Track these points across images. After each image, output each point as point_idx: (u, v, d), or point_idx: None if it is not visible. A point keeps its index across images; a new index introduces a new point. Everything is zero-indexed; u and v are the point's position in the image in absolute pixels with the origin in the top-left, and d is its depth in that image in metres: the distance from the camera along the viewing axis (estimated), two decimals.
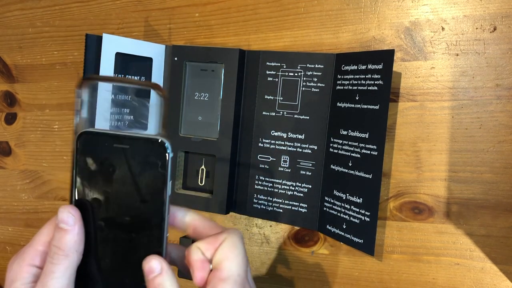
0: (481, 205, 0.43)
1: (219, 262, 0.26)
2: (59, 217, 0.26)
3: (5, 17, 0.61)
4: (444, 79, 0.43)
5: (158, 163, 0.25)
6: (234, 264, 0.26)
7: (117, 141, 0.25)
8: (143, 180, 0.26)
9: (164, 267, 0.26)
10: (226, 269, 0.26)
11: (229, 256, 0.26)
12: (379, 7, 0.45)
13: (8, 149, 0.62)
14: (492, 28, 0.42)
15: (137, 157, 0.26)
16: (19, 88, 0.61)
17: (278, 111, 0.48)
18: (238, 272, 0.26)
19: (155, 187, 0.26)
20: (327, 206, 0.46)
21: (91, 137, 0.26)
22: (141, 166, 0.26)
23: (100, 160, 0.26)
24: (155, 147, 0.25)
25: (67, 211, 0.26)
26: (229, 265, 0.26)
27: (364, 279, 0.47)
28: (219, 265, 0.26)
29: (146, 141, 0.25)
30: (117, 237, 0.27)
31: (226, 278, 0.26)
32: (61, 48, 0.59)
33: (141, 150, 0.26)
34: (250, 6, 0.50)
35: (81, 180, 0.26)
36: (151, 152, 0.25)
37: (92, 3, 0.56)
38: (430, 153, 0.44)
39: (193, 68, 0.50)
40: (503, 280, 0.43)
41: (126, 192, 0.26)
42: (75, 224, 0.26)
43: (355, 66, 0.43)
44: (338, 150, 0.45)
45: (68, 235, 0.26)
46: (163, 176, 0.25)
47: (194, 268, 0.26)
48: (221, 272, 0.26)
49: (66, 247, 0.26)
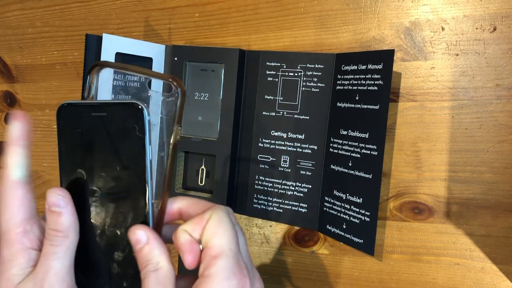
0: (481, 205, 0.43)
1: (208, 240, 0.26)
2: (49, 201, 0.26)
3: (5, 17, 0.61)
4: (444, 79, 0.43)
5: (136, 127, 0.25)
6: (224, 239, 0.26)
7: (95, 109, 0.25)
8: (123, 147, 0.26)
9: (150, 236, 0.26)
10: (216, 245, 0.25)
11: (217, 232, 0.26)
12: (379, 7, 0.45)
13: None
14: (492, 28, 0.42)
15: (115, 123, 0.25)
16: (19, 88, 0.61)
17: (278, 111, 0.48)
18: (230, 246, 0.25)
19: (135, 153, 0.25)
20: (327, 206, 0.46)
21: (70, 108, 0.26)
22: (120, 132, 0.25)
23: (80, 130, 0.26)
24: (132, 112, 0.25)
25: (56, 194, 0.26)
26: (218, 241, 0.25)
27: (364, 279, 0.47)
28: (209, 243, 0.25)
29: (123, 106, 0.25)
30: (105, 208, 0.26)
31: (218, 254, 0.25)
32: (61, 48, 0.59)
33: (119, 116, 0.25)
34: (250, 6, 0.50)
35: (65, 153, 0.26)
36: (129, 116, 0.25)
37: (92, 3, 0.56)
38: (430, 153, 0.44)
39: (193, 68, 0.50)
40: (503, 280, 0.43)
41: (109, 160, 0.26)
42: (67, 205, 0.26)
43: (355, 66, 0.43)
44: (338, 150, 0.45)
45: (62, 217, 0.26)
46: (142, 140, 0.25)
47: (183, 251, 0.26)
48: (212, 249, 0.25)
49: (64, 228, 0.25)
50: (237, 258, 0.26)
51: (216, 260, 0.25)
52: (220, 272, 0.25)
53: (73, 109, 0.26)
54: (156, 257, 0.25)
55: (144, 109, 0.25)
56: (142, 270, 0.25)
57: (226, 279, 0.24)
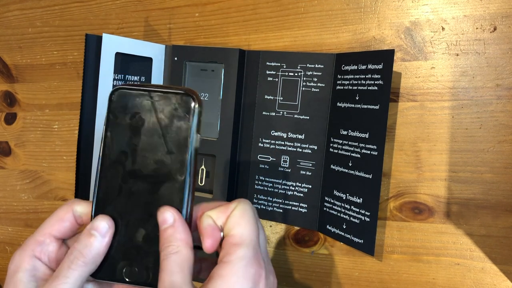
0: (481, 205, 0.43)
1: (230, 228, 0.27)
2: (94, 223, 0.26)
3: (5, 17, 0.61)
4: (444, 79, 0.43)
5: (185, 115, 0.27)
6: (246, 230, 0.27)
7: (147, 96, 0.27)
8: (170, 133, 0.27)
9: (177, 219, 0.26)
10: (238, 235, 0.26)
11: (240, 222, 0.27)
12: (379, 7, 0.45)
13: (8, 149, 0.62)
14: (492, 28, 0.42)
15: (166, 110, 0.27)
16: (19, 88, 0.61)
17: (278, 111, 0.48)
18: (251, 237, 0.26)
19: (181, 139, 0.27)
20: (327, 206, 0.46)
21: (123, 92, 0.27)
22: (169, 118, 0.27)
23: (130, 113, 0.27)
24: (183, 100, 0.27)
25: (104, 221, 0.26)
26: (241, 231, 0.26)
27: (364, 279, 0.47)
28: (231, 231, 0.26)
29: (175, 94, 0.27)
30: (143, 189, 0.27)
31: (239, 243, 0.26)
32: (61, 48, 0.58)
33: (170, 102, 0.27)
34: (250, 6, 0.50)
35: (112, 133, 0.28)
36: (179, 105, 0.27)
37: (92, 3, 0.56)
38: (430, 153, 0.44)
39: (193, 68, 0.50)
40: (503, 280, 0.43)
41: (154, 144, 0.27)
42: (107, 236, 0.26)
43: (355, 66, 0.43)
44: (338, 150, 0.45)
45: (96, 244, 0.26)
46: (188, 128, 0.27)
47: (204, 235, 0.27)
48: (233, 237, 0.26)
49: (89, 256, 0.25)
50: (256, 250, 0.26)
51: (236, 248, 0.26)
52: (239, 259, 0.25)
53: (126, 92, 0.27)
54: (178, 241, 0.26)
55: (194, 98, 0.27)
56: (162, 251, 0.26)
57: (245, 266, 0.25)
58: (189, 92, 0.27)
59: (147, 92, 0.27)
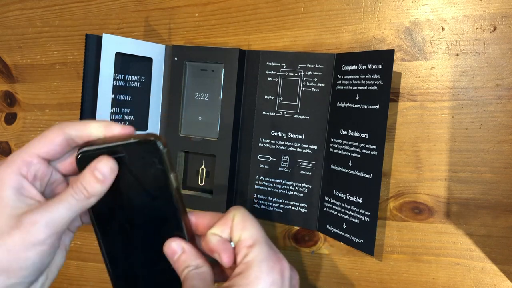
0: (481, 205, 0.43)
1: (239, 234, 0.28)
2: (99, 166, 0.26)
3: (5, 17, 0.61)
4: (444, 79, 0.43)
5: (155, 160, 0.27)
6: (254, 230, 0.28)
7: (112, 152, 0.27)
8: (147, 180, 0.28)
9: (185, 246, 0.28)
10: (248, 237, 0.27)
11: (245, 226, 0.28)
12: (379, 7, 0.45)
13: (8, 149, 0.62)
14: (492, 28, 0.42)
15: (135, 161, 0.27)
16: (19, 88, 0.61)
17: (278, 111, 0.48)
18: (260, 234, 0.28)
19: (160, 183, 0.27)
20: (327, 206, 0.46)
21: (88, 155, 0.27)
22: (141, 168, 0.27)
23: None
24: (147, 147, 0.27)
25: (109, 165, 0.26)
26: (249, 233, 0.27)
27: (364, 279, 0.47)
28: (241, 237, 0.27)
29: (138, 144, 0.27)
30: (145, 236, 0.29)
31: (253, 243, 0.27)
32: (61, 48, 0.59)
33: (136, 154, 0.27)
34: (250, 6, 0.50)
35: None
36: (146, 153, 0.27)
37: (92, 3, 0.56)
38: (430, 153, 0.44)
39: (193, 68, 0.50)
40: (503, 280, 0.43)
41: (137, 194, 0.28)
42: (109, 179, 0.27)
43: (355, 66, 0.43)
44: (338, 150, 0.45)
45: (99, 185, 0.26)
46: (163, 171, 0.27)
47: (219, 252, 0.27)
48: (246, 241, 0.27)
49: (92, 192, 0.26)
50: (270, 245, 0.28)
51: (252, 248, 0.27)
52: (258, 256, 0.26)
53: (91, 155, 0.27)
54: (194, 261, 0.27)
55: (157, 142, 0.26)
56: (182, 274, 0.27)
57: (267, 261, 0.26)
58: (150, 138, 0.26)
59: (110, 149, 0.27)
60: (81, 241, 0.58)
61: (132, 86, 0.50)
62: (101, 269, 0.58)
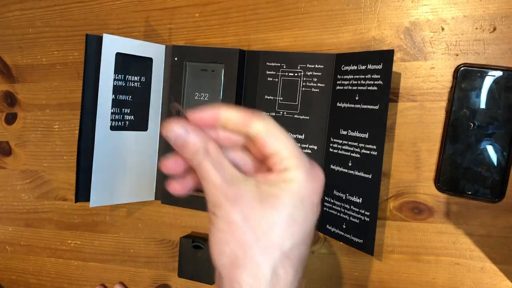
0: (481, 205, 0.43)
1: (273, 142, 0.26)
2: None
3: (5, 17, 0.61)
4: (444, 79, 0.43)
5: None
6: (294, 145, 0.26)
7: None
8: None
9: (189, 128, 0.26)
10: (288, 148, 0.26)
11: (283, 137, 0.26)
12: (379, 7, 0.45)
13: (8, 149, 0.62)
14: (492, 28, 0.42)
15: None
16: (19, 88, 0.61)
17: (278, 111, 0.48)
18: (300, 151, 0.26)
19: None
20: (327, 206, 0.46)
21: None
22: None
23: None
24: None
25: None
26: (290, 144, 0.26)
27: (364, 279, 0.47)
28: (279, 148, 0.26)
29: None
30: None
31: (298, 154, 0.26)
32: (61, 48, 0.59)
33: None
34: (250, 6, 0.50)
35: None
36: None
37: (92, 3, 0.57)
38: (430, 153, 0.44)
39: (193, 68, 0.50)
40: (503, 280, 0.43)
41: None
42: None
43: (355, 66, 0.43)
44: (338, 150, 0.45)
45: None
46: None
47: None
48: (286, 151, 0.26)
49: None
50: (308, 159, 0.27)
51: (295, 159, 0.26)
52: (303, 166, 0.26)
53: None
54: (202, 142, 0.26)
55: None
56: (193, 161, 0.26)
57: (309, 171, 0.26)
58: None
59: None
60: (81, 241, 0.58)
61: (132, 86, 0.50)
62: (101, 269, 0.58)
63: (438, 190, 0.43)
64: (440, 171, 0.42)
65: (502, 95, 0.40)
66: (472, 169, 0.41)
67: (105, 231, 0.57)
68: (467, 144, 0.41)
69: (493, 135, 0.40)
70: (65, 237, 0.59)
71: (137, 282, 0.57)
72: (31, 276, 0.62)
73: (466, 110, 0.41)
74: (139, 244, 0.56)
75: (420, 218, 0.44)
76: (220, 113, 0.27)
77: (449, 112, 0.42)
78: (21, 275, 0.63)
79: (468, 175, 0.41)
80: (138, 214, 0.56)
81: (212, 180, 0.25)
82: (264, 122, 0.27)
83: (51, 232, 0.60)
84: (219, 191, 0.25)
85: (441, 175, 0.42)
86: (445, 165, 0.42)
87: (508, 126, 0.40)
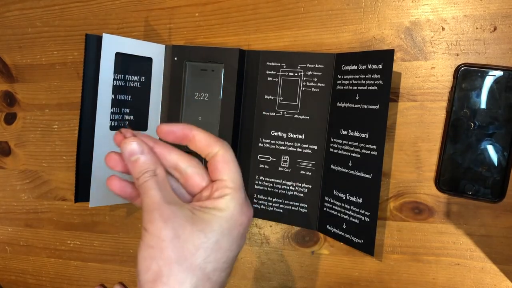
0: (482, 205, 0.43)
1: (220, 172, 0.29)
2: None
3: (5, 17, 0.61)
4: (444, 79, 0.43)
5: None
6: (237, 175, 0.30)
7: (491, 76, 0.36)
8: None
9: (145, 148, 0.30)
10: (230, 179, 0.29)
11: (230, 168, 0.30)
12: (379, 7, 0.45)
13: (7, 149, 0.62)
14: (493, 28, 0.42)
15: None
16: (19, 88, 0.61)
17: (278, 111, 0.48)
18: (241, 182, 0.30)
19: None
20: (327, 206, 0.46)
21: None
22: None
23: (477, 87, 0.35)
24: None
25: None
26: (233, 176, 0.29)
27: (364, 279, 0.47)
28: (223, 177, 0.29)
29: None
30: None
31: (234, 186, 0.29)
32: (61, 48, 0.58)
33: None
34: (250, 6, 0.50)
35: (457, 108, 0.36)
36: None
37: (92, 3, 0.56)
38: (430, 153, 0.44)
39: (193, 68, 0.50)
40: (503, 280, 0.43)
41: None
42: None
43: (355, 66, 0.43)
44: (338, 150, 0.45)
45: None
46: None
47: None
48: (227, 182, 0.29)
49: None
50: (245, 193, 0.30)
51: (232, 190, 0.28)
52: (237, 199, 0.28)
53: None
54: (154, 165, 0.28)
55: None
56: (139, 178, 0.28)
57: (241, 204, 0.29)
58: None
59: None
60: (81, 241, 0.58)
61: (132, 86, 0.50)
62: (101, 269, 0.58)
63: (438, 190, 0.43)
64: (441, 171, 0.42)
65: (502, 95, 0.40)
66: (473, 169, 0.41)
67: (105, 231, 0.57)
68: (468, 144, 0.41)
69: (493, 135, 0.40)
70: (65, 237, 0.59)
71: (137, 282, 0.56)
72: (30, 276, 0.62)
73: (466, 110, 0.41)
74: (139, 244, 0.56)
75: (421, 218, 0.44)
76: (192, 131, 0.30)
77: (449, 112, 0.42)
78: (21, 275, 0.62)
79: (469, 175, 0.41)
80: (138, 214, 0.56)
81: (152, 197, 0.27)
82: (224, 149, 0.30)
83: (51, 232, 0.60)
84: (156, 207, 0.27)
85: (441, 175, 0.42)
86: (446, 165, 0.42)
87: (508, 126, 0.40)
